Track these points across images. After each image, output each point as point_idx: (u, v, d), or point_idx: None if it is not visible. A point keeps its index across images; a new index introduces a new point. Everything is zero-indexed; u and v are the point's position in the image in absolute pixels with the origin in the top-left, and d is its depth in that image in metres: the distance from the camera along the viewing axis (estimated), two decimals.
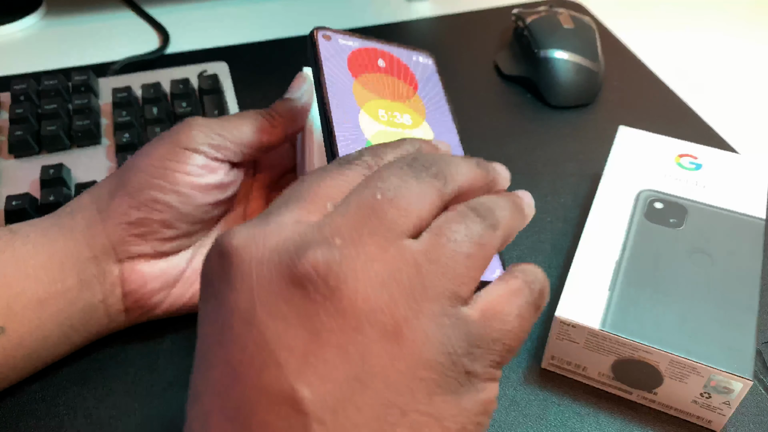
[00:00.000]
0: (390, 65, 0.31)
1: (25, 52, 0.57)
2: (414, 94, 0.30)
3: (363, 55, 0.31)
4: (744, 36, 0.61)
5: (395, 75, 0.31)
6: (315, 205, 0.21)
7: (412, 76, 0.31)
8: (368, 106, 0.29)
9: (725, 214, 0.36)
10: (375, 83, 0.30)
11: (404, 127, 0.29)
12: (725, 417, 0.31)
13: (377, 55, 0.31)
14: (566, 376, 0.34)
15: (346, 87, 0.29)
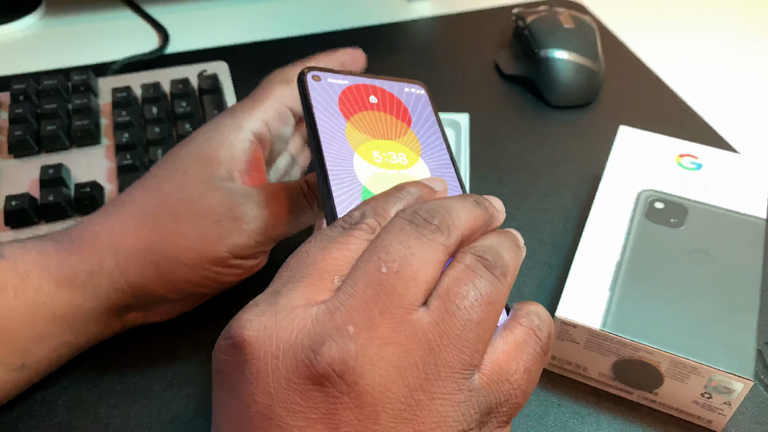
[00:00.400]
0: (382, 101, 0.30)
1: (25, 51, 0.57)
2: (408, 131, 0.30)
3: (354, 93, 0.30)
4: (745, 36, 0.61)
5: (388, 111, 0.30)
6: (322, 282, 0.21)
7: (405, 111, 0.31)
8: (362, 148, 0.28)
9: (726, 214, 0.36)
10: (368, 123, 0.29)
11: (399, 167, 0.28)
12: (726, 417, 0.31)
13: (369, 91, 0.30)
14: (567, 376, 0.34)
15: (339, 130, 0.28)
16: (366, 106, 0.30)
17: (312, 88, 0.29)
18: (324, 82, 0.30)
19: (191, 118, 0.45)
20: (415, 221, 0.22)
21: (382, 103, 0.30)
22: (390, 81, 0.31)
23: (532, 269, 0.39)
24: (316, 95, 0.29)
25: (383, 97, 0.31)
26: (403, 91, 0.31)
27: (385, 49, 0.58)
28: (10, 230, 0.39)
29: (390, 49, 0.58)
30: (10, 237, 0.39)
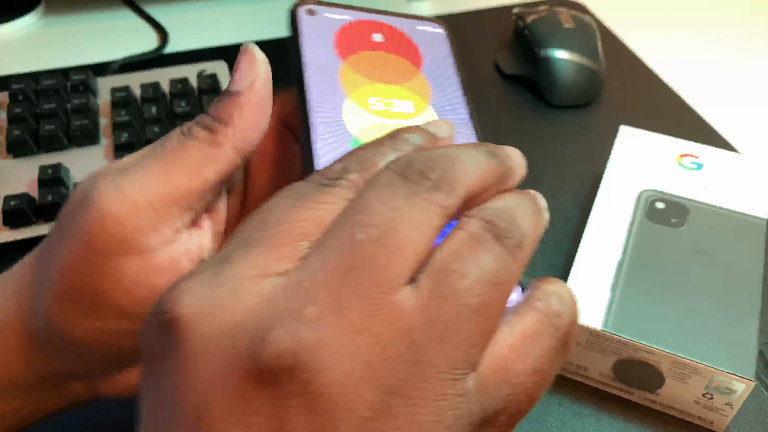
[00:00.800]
0: (389, 40, 0.26)
1: (24, 51, 0.57)
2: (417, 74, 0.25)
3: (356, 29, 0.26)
4: (745, 35, 0.61)
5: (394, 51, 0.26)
6: (285, 248, 0.16)
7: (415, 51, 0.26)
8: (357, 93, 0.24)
9: (727, 214, 0.36)
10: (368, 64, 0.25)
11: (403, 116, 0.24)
12: (727, 418, 0.31)
13: (373, 28, 0.26)
14: (567, 376, 0.34)
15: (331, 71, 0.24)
16: (368, 45, 0.25)
17: (304, 23, 0.25)
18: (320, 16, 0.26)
19: (190, 117, 0.45)
20: (407, 175, 0.17)
21: (389, 43, 0.26)
22: (401, 17, 0.27)
23: (533, 270, 0.39)
24: (307, 30, 0.25)
25: (391, 35, 0.26)
26: (416, 29, 0.27)
27: None
28: (9, 230, 0.39)
29: None
30: (10, 237, 0.39)
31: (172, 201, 0.20)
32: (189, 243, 0.21)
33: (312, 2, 0.26)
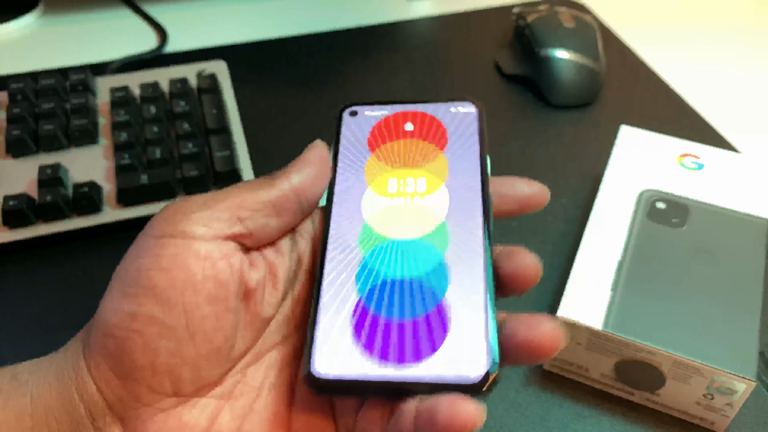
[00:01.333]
0: (419, 127, 0.28)
1: (23, 51, 0.57)
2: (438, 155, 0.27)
3: (390, 123, 0.29)
4: (746, 35, 0.61)
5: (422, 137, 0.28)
6: None
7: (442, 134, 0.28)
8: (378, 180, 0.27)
9: (728, 214, 0.36)
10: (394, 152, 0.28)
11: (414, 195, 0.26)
12: (728, 418, 0.31)
13: (407, 118, 0.29)
14: (568, 377, 0.34)
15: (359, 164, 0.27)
16: (398, 134, 0.28)
17: (345, 123, 0.29)
18: (360, 115, 0.29)
19: (190, 117, 0.45)
20: None
21: (418, 129, 0.28)
22: (437, 104, 0.29)
23: None
24: (346, 130, 0.28)
25: (422, 122, 0.29)
26: (448, 111, 0.29)
27: (385, 49, 0.58)
28: (8, 230, 0.39)
29: (390, 49, 0.57)
30: (9, 237, 0.39)
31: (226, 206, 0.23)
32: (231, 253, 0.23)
33: (357, 104, 0.29)
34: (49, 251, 0.40)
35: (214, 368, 0.23)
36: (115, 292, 0.22)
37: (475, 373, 0.21)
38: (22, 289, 0.38)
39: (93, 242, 0.41)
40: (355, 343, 0.22)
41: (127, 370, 0.22)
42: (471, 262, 0.24)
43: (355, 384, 0.22)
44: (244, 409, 0.23)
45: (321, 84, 0.53)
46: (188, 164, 0.41)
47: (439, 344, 0.22)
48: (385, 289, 0.24)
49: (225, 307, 0.22)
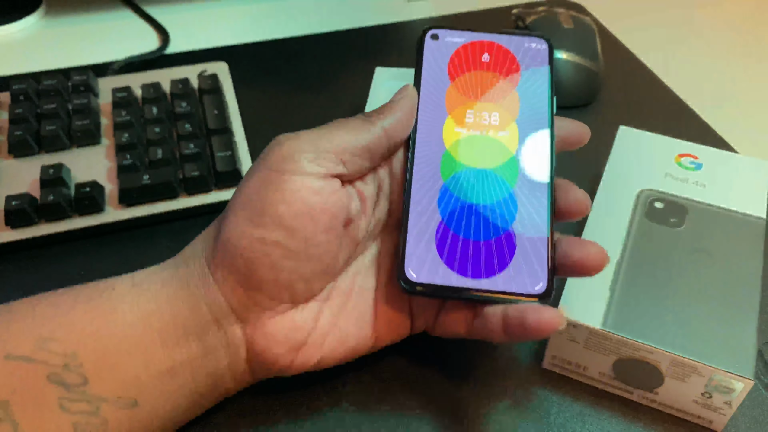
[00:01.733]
0: (495, 59, 0.31)
1: (25, 52, 0.57)
2: (512, 90, 0.30)
3: (468, 51, 0.31)
4: (744, 35, 0.61)
5: (497, 70, 0.30)
6: None
7: (516, 69, 0.31)
8: (458, 111, 0.30)
9: (726, 214, 0.36)
10: (472, 83, 0.30)
11: (490, 128, 0.29)
12: (726, 417, 0.31)
13: (484, 48, 0.31)
14: (567, 376, 0.34)
15: (440, 92, 0.30)
16: (475, 65, 0.31)
17: (427, 48, 0.31)
18: (441, 41, 0.31)
19: (191, 118, 0.45)
20: None
21: (494, 61, 0.31)
22: (511, 36, 0.31)
23: None
24: (428, 55, 0.30)
25: (498, 54, 0.31)
26: (522, 46, 0.31)
27: (385, 49, 0.58)
28: (11, 230, 0.39)
29: (390, 49, 0.58)
30: (11, 237, 0.39)
31: (330, 148, 0.27)
32: (338, 189, 0.27)
33: (438, 27, 0.31)
34: (51, 251, 0.40)
35: (322, 282, 0.28)
36: (243, 218, 0.26)
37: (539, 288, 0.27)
38: (24, 289, 0.38)
39: (95, 242, 0.41)
40: (438, 257, 0.27)
41: (254, 283, 0.26)
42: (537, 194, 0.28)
43: (439, 289, 0.27)
44: (339, 308, 0.29)
45: (322, 84, 0.54)
46: (190, 164, 0.42)
47: (508, 263, 0.27)
48: (463, 212, 0.28)
49: (335, 234, 0.27)
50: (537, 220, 0.28)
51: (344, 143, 0.27)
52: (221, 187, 0.42)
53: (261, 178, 0.26)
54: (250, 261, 0.26)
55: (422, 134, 0.29)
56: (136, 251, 0.41)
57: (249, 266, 0.26)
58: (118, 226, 0.41)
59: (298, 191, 0.26)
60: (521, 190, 0.28)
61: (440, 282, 0.27)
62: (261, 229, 0.26)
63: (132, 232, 0.42)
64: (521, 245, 0.27)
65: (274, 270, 0.26)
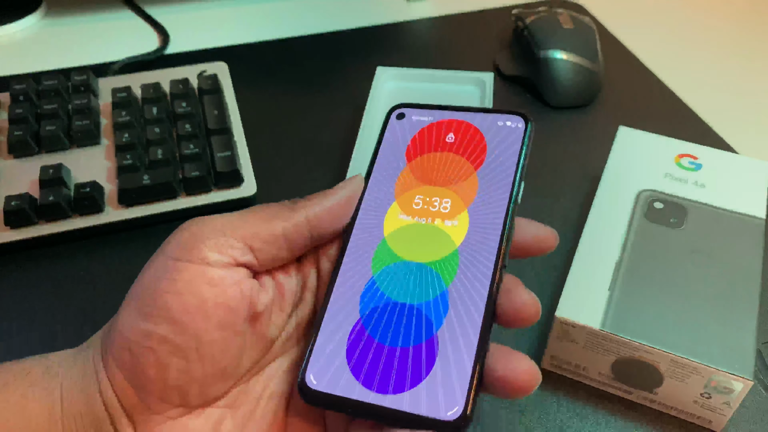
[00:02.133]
0: (461, 139, 0.27)
1: (25, 52, 0.57)
2: (471, 174, 0.26)
3: (432, 131, 0.28)
4: (743, 36, 0.61)
5: (459, 152, 0.27)
6: None
7: (482, 150, 0.27)
8: (406, 196, 0.26)
9: (725, 214, 0.36)
10: (429, 166, 0.27)
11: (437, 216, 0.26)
12: (725, 417, 0.31)
13: (451, 128, 0.28)
14: (566, 376, 0.34)
15: (392, 175, 0.27)
16: (437, 146, 0.27)
17: (389, 128, 0.28)
18: (407, 119, 0.28)
19: (191, 118, 0.45)
20: None
21: (459, 142, 0.27)
22: (486, 114, 0.28)
23: (532, 269, 0.39)
24: (389, 135, 0.28)
25: (465, 134, 0.27)
26: (495, 125, 0.27)
27: (385, 49, 0.58)
28: (10, 230, 0.39)
29: (390, 50, 0.58)
30: (11, 237, 0.39)
31: (240, 235, 0.24)
32: (242, 280, 0.24)
33: (405, 106, 0.28)
34: (50, 251, 0.40)
35: (220, 385, 0.24)
36: (133, 308, 0.23)
37: (453, 414, 0.21)
38: (23, 289, 0.38)
39: (94, 242, 0.41)
40: (345, 363, 0.23)
41: (140, 382, 0.23)
42: (473, 297, 0.24)
43: (339, 401, 0.22)
44: (245, 417, 0.25)
45: (321, 85, 0.54)
46: (189, 165, 0.42)
47: (423, 378, 0.22)
48: (385, 312, 0.24)
49: (233, 332, 0.23)
50: (468, 327, 0.23)
51: (255, 229, 0.24)
52: (221, 187, 0.42)
53: (157, 265, 0.24)
54: (137, 356, 0.23)
55: (362, 221, 0.26)
56: (135, 251, 0.41)
57: (135, 362, 0.23)
58: (117, 227, 0.41)
59: (190, 281, 0.23)
60: (457, 290, 0.24)
61: (340, 393, 0.23)
62: (148, 322, 0.23)
63: (132, 233, 0.42)
64: (443, 357, 0.23)
65: (160, 368, 0.23)
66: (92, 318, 0.37)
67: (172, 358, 0.23)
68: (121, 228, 0.41)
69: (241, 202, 0.43)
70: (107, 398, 0.24)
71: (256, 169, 0.45)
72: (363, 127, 0.45)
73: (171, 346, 0.23)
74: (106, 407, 0.24)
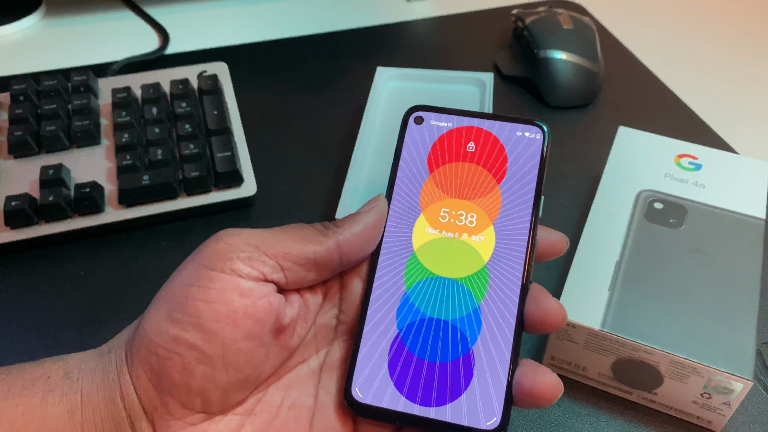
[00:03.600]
0: (481, 150, 0.28)
1: (25, 52, 0.57)
2: (494, 188, 0.27)
3: (452, 138, 0.28)
4: (743, 36, 0.61)
5: (481, 163, 0.27)
6: None
7: (503, 162, 0.27)
8: (432, 208, 0.27)
9: (725, 215, 0.36)
10: (452, 177, 0.27)
11: (464, 231, 0.26)
12: (725, 417, 0.31)
13: (470, 136, 0.28)
14: (566, 376, 0.34)
15: (417, 185, 0.27)
16: (458, 155, 0.28)
17: (409, 133, 0.28)
18: (426, 124, 0.28)
19: (191, 118, 0.45)
20: None
21: (480, 152, 0.28)
22: (504, 122, 0.28)
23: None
24: (409, 141, 0.28)
25: (485, 143, 0.28)
26: (514, 135, 0.28)
27: (385, 49, 0.58)
28: (10, 230, 0.39)
29: (390, 50, 0.58)
30: (11, 237, 0.39)
31: (272, 253, 0.24)
32: (271, 294, 0.24)
33: (423, 109, 0.28)
34: (50, 251, 0.40)
35: (241, 392, 0.25)
36: (162, 312, 0.24)
37: (492, 424, 0.23)
38: (23, 289, 0.38)
39: (95, 242, 0.41)
40: (389, 377, 0.25)
41: (164, 385, 0.24)
42: (504, 313, 0.25)
43: (386, 413, 0.24)
44: (264, 425, 0.25)
45: (321, 85, 0.54)
46: (189, 165, 0.42)
47: (462, 391, 0.24)
48: (422, 327, 0.25)
49: (259, 342, 0.24)
50: (500, 342, 0.25)
51: (287, 249, 0.25)
52: (221, 187, 0.42)
53: (189, 271, 0.24)
54: (163, 360, 0.23)
55: (391, 234, 0.27)
56: (135, 251, 0.41)
57: (161, 365, 0.23)
58: (117, 227, 0.41)
59: (222, 290, 0.23)
60: (488, 306, 0.25)
61: (387, 406, 0.24)
62: (177, 327, 0.23)
63: (132, 233, 0.42)
64: (479, 371, 0.24)
65: (186, 374, 0.23)
66: (92, 318, 0.37)
67: (198, 364, 0.23)
68: (121, 228, 0.41)
69: (241, 202, 0.43)
70: (129, 400, 0.24)
71: (256, 169, 0.45)
72: (363, 127, 0.45)
73: (198, 353, 0.23)
74: (126, 410, 0.24)
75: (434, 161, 0.28)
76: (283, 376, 0.26)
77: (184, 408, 0.24)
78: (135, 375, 0.24)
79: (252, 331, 0.24)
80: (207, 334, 0.23)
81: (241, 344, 0.24)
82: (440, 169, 0.28)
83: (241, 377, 0.24)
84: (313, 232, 0.26)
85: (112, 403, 0.24)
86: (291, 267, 0.25)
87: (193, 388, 0.24)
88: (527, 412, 0.33)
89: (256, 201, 0.44)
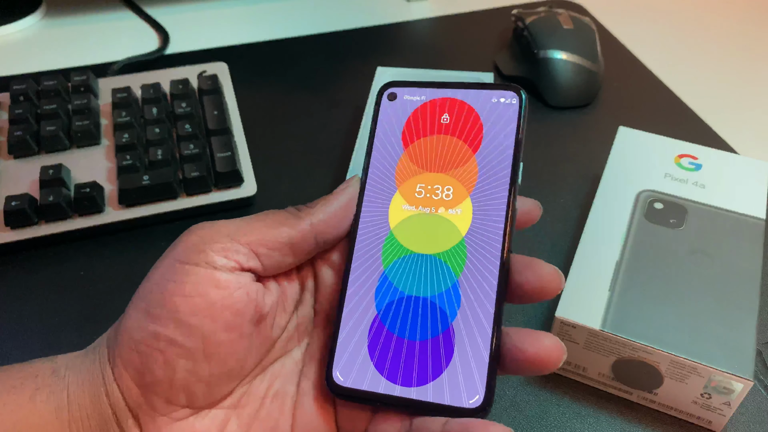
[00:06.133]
0: (455, 121, 0.27)
1: (25, 52, 0.57)
2: (470, 158, 0.26)
3: (426, 112, 0.27)
4: (743, 37, 0.61)
5: (456, 134, 0.27)
6: None
7: (478, 130, 0.27)
8: (407, 185, 0.26)
9: (725, 215, 0.36)
10: (426, 152, 0.27)
11: (441, 205, 0.26)
12: (725, 417, 0.31)
13: (444, 108, 0.27)
14: (566, 376, 0.34)
15: (391, 162, 0.27)
16: (433, 129, 0.27)
17: (383, 111, 0.28)
18: (399, 100, 0.28)
19: (191, 118, 0.45)
20: None
21: (454, 123, 0.27)
22: (478, 90, 0.27)
23: None
24: (383, 119, 0.27)
25: (459, 113, 0.27)
26: (489, 102, 0.27)
27: (385, 49, 0.58)
28: (10, 230, 0.39)
29: (390, 50, 0.58)
30: (11, 237, 0.39)
31: (246, 241, 0.24)
32: (248, 283, 0.24)
33: (396, 85, 0.28)
34: (50, 251, 0.40)
35: (225, 385, 0.24)
36: (140, 310, 0.24)
37: (474, 402, 0.23)
38: (23, 289, 0.38)
39: (94, 242, 0.41)
40: (369, 359, 0.24)
41: (147, 382, 0.24)
42: (483, 286, 0.24)
43: (367, 395, 0.24)
44: (250, 417, 0.25)
45: (321, 85, 0.54)
46: (189, 165, 0.42)
47: (443, 369, 0.23)
48: (401, 306, 0.25)
49: (239, 334, 0.24)
50: (481, 315, 0.24)
51: (261, 235, 0.25)
52: (221, 187, 0.42)
53: (165, 267, 0.24)
54: (144, 357, 0.23)
55: (367, 214, 0.26)
56: (135, 251, 0.41)
57: (143, 362, 0.23)
58: (117, 227, 0.41)
59: (198, 284, 0.23)
60: (467, 280, 0.24)
61: (367, 388, 0.24)
62: (156, 324, 0.23)
63: (132, 233, 0.42)
64: (460, 348, 0.24)
65: (168, 369, 0.23)
66: (92, 318, 0.37)
67: (180, 359, 0.23)
68: (121, 228, 0.41)
69: (241, 202, 0.43)
70: (114, 398, 0.24)
71: (256, 169, 0.45)
72: (363, 127, 0.45)
73: (178, 348, 0.23)
74: (112, 408, 0.24)
75: (408, 137, 0.27)
76: (267, 367, 0.26)
77: (169, 404, 0.24)
78: (117, 373, 0.24)
79: (231, 322, 0.24)
80: (186, 329, 0.23)
81: (221, 336, 0.23)
82: (415, 144, 0.27)
83: (224, 370, 0.24)
84: (286, 216, 0.25)
85: (98, 401, 0.24)
86: (266, 253, 0.25)
87: (176, 384, 0.24)
88: (527, 411, 0.33)
89: (256, 201, 0.44)
